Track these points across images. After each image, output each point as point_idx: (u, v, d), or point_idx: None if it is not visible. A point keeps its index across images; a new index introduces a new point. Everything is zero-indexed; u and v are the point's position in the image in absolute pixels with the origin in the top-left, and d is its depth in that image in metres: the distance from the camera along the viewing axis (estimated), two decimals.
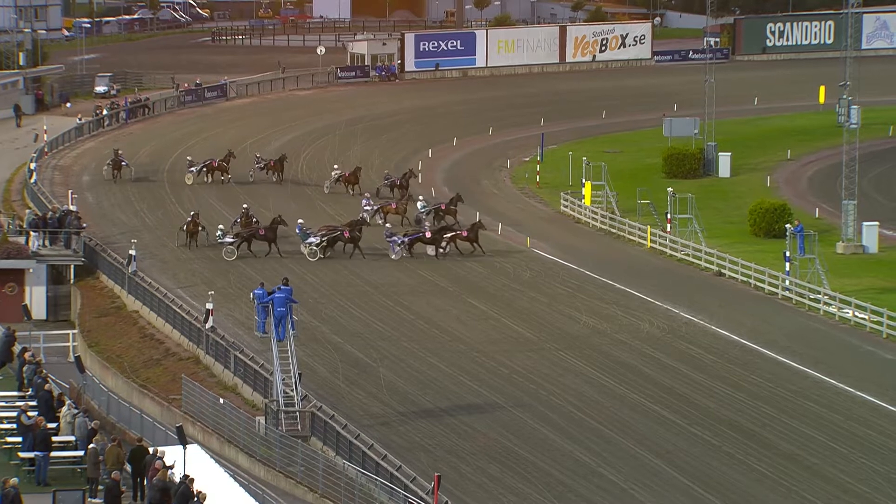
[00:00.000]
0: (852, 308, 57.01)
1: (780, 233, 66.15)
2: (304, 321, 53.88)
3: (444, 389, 48.63)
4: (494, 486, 40.72)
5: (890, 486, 40.51)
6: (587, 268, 64.42)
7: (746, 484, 40.83)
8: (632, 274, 63.45)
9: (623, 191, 76.46)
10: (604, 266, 63.71)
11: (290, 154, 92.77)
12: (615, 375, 49.91)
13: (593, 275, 62.19)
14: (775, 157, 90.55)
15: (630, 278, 62.47)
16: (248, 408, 47.08)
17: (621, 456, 42.82)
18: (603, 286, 61.45)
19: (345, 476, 39.58)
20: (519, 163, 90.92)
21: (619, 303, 58.94)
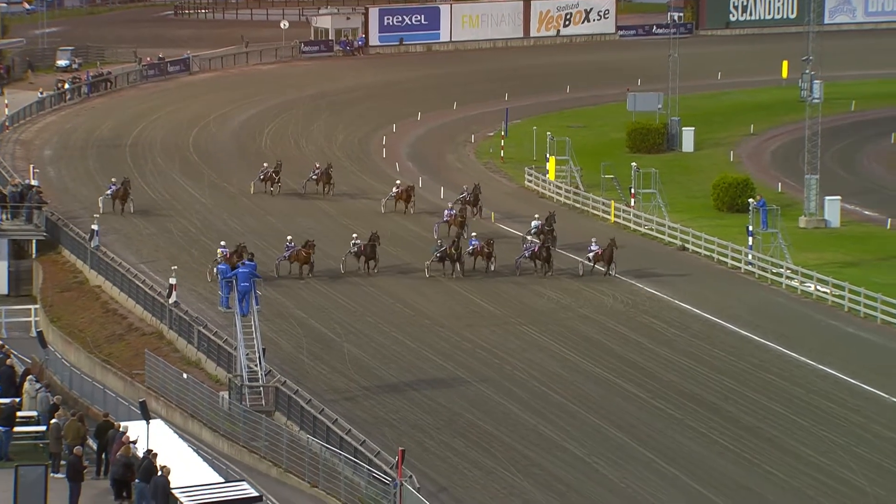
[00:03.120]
0: (814, 282, 57.35)
1: (743, 207, 66.42)
2: (268, 296, 53.82)
3: (409, 364, 48.71)
4: (458, 461, 40.85)
5: (850, 458, 40.84)
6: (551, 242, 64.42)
7: (709, 457, 41.08)
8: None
9: (587, 165, 76.59)
10: (567, 241, 63.79)
11: (252, 129, 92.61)
12: (579, 350, 50.08)
13: (557, 249, 62.23)
14: (738, 132, 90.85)
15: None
16: (211, 383, 47.04)
17: (585, 430, 43.00)
18: (566, 261, 61.58)
19: (309, 451, 39.62)
20: (483, 138, 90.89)
21: (583, 278, 59.10)
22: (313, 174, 73.13)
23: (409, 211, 68.86)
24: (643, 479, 39.53)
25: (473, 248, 59.41)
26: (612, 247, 58.41)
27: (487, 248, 58.81)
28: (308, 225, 68.37)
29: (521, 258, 59.02)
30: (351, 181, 75.51)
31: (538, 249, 58.76)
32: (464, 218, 64.28)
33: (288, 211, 71.19)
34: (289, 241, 58.67)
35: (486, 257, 58.76)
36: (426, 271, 58.26)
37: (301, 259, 57.89)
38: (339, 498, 37.99)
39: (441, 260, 58.64)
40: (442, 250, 58.66)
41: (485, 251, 58.81)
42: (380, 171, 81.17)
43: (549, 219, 62.03)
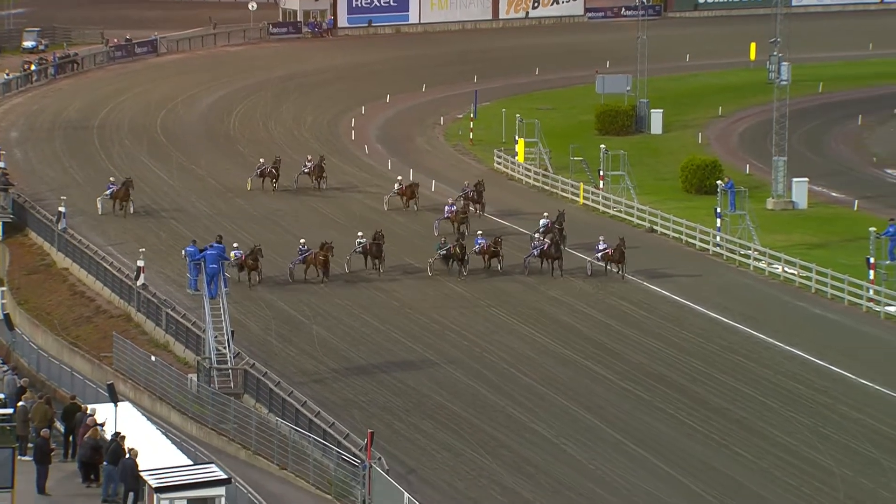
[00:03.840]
0: (782, 264, 57.55)
1: (711, 189, 66.57)
2: (236, 279, 53.70)
3: (378, 346, 48.67)
4: (427, 442, 40.85)
5: (817, 438, 41.02)
6: (520, 224, 64.54)
7: (677, 438, 41.19)
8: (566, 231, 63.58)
9: (556, 148, 76.60)
10: (536, 223, 63.82)
11: (221, 111, 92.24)
12: (547, 332, 50.12)
13: (526, 231, 62.29)
14: (707, 114, 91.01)
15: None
16: (180, 365, 46.89)
17: (553, 411, 43.06)
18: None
19: (278, 433, 39.54)
20: (452, 120, 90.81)
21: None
22: (305, 167, 70.25)
23: (413, 208, 65.69)
24: (611, 460, 39.62)
25: (480, 247, 56.82)
26: (622, 246, 55.59)
27: (495, 246, 56.28)
28: (281, 209, 68.20)
29: (529, 257, 56.44)
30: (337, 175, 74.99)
31: (547, 248, 56.05)
32: (466, 214, 61.67)
33: (255, 192, 70.97)
34: (302, 245, 55.58)
35: (493, 256, 56.21)
36: (428, 270, 55.62)
37: (318, 263, 54.91)
38: (309, 480, 37.95)
39: (446, 259, 55.94)
40: (447, 248, 56.02)
41: (491, 250, 56.32)
42: (350, 154, 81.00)
43: (559, 217, 59.58)
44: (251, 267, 54.42)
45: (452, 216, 61.52)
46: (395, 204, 66.19)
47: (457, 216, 61.34)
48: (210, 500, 31.90)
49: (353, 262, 56.33)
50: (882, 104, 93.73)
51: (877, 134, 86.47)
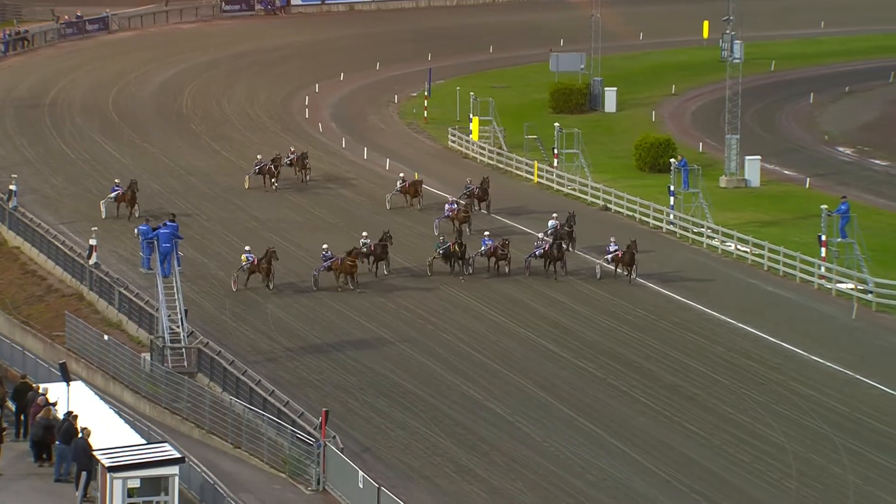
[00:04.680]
0: (734, 241, 57.83)
1: (665, 167, 66.79)
2: (190, 257, 53.45)
3: (332, 325, 48.60)
4: (382, 420, 40.86)
5: (770, 415, 41.29)
6: (527, 225, 64.36)
7: (630, 415, 41.36)
8: (519, 209, 63.73)
9: (510, 126, 76.63)
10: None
11: (173, 89, 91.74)
12: (501, 310, 50.18)
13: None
14: (660, 93, 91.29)
15: (517, 214, 62.77)
16: (133, 344, 46.68)
17: (507, 389, 43.14)
18: (490, 221, 61.61)
19: (232, 412, 39.44)
20: (406, 98, 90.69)
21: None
22: (287, 159, 67.25)
23: (417, 206, 62.46)
24: (565, 437, 39.75)
25: (486, 249, 53.79)
26: (633, 249, 52.72)
27: (503, 248, 53.31)
28: (234, 187, 67.92)
29: (530, 257, 53.63)
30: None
31: (549, 248, 53.32)
32: (468, 213, 58.76)
33: (208, 170, 70.71)
34: (325, 251, 52.41)
35: (500, 259, 53.33)
36: (428, 270, 53.19)
37: (346, 269, 51.55)
38: (263, 459, 37.89)
39: (446, 258, 53.45)
40: (445, 247, 53.44)
41: (499, 252, 53.36)
42: (304, 133, 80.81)
43: (570, 219, 56.35)
44: (265, 271, 51.28)
45: (454, 214, 58.48)
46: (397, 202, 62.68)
47: (458, 214, 58.39)
48: (163, 479, 31.79)
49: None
50: (834, 82, 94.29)
51: (828, 112, 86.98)
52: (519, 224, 60.57)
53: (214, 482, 34.33)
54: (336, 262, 51.82)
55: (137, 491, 31.66)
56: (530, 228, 58.58)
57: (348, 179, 68.29)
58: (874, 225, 59.64)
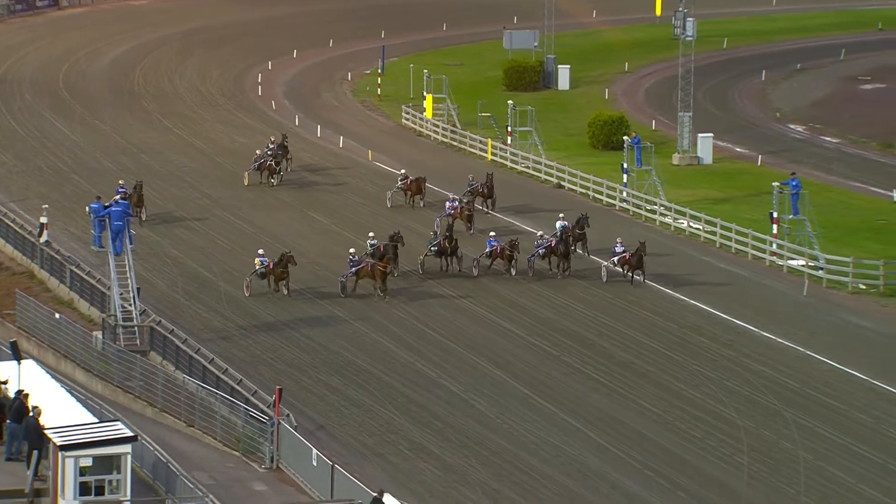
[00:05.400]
0: (687, 218, 58.08)
1: (618, 145, 66.98)
2: (142, 235, 53.18)
3: (285, 302, 48.47)
4: (336, 398, 40.83)
5: (721, 391, 41.53)
6: (429, 181, 64.49)
7: (584, 392, 41.50)
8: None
9: (464, 104, 76.60)
10: (445, 179, 63.85)
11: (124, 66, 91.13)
12: (455, 287, 50.19)
13: (435, 187, 62.28)
14: (613, 70, 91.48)
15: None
16: (85, 323, 46.41)
17: (461, 367, 43.18)
18: (444, 199, 61.56)
19: (185, 390, 39.31)
20: (360, 75, 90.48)
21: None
22: (268, 148, 64.71)
23: (419, 204, 59.60)
24: (519, 414, 39.85)
25: (492, 250, 51.17)
26: (642, 251, 50.15)
27: (510, 250, 50.62)
28: (187, 165, 67.62)
29: (533, 257, 51.12)
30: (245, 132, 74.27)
31: (555, 245, 50.88)
32: (471, 211, 56.05)
33: (160, 148, 70.35)
34: (352, 255, 49.50)
35: (506, 260, 50.78)
36: (420, 268, 50.83)
37: (377, 274, 48.38)
38: (216, 437, 37.79)
39: (439, 255, 51.14)
40: (436, 243, 51.20)
41: (506, 254, 50.69)
42: (257, 110, 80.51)
43: (581, 221, 53.21)
44: (279, 276, 48.36)
45: (456, 213, 55.88)
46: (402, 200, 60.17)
47: (461, 213, 55.84)
48: (116, 457, 31.65)
49: None
50: (785, 60, 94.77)
51: (780, 89, 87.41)
52: (523, 224, 57.06)
53: (167, 461, 34.23)
54: (365, 267, 48.44)
55: (90, 469, 31.52)
56: (534, 228, 54.89)
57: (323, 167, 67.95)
58: (825, 202, 60.04)
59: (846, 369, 43.25)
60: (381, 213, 59.21)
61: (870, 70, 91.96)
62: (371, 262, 48.41)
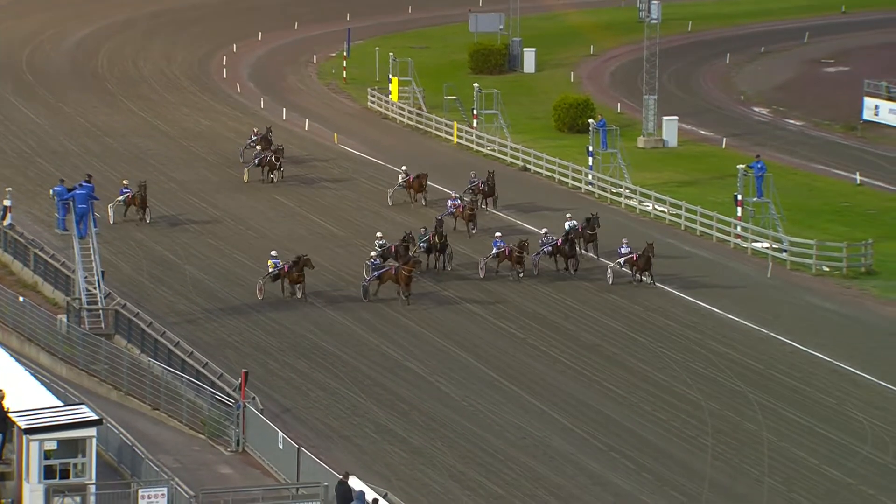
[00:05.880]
0: (652, 201, 58.22)
1: (584, 128, 67.06)
2: (106, 219, 52.93)
3: (252, 286, 48.33)
4: (302, 382, 40.80)
5: (686, 373, 41.69)
6: (395, 163, 64.45)
7: (550, 374, 41.60)
8: (439, 169, 63.65)
9: (430, 86, 76.52)
10: (411, 162, 63.76)
11: (89, 48, 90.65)
12: (424, 273, 50.08)
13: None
14: (578, 53, 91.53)
15: (437, 174, 62.65)
16: (49, 306, 46.18)
17: (428, 350, 43.20)
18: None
19: (150, 374, 39.20)
20: (325, 58, 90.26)
21: (426, 198, 59.11)
22: (251, 139, 63.28)
23: (422, 202, 57.25)
24: (485, 397, 39.91)
25: (499, 252, 49.16)
26: (650, 252, 48.27)
27: (518, 251, 48.57)
28: (151, 148, 67.34)
29: (538, 256, 49.64)
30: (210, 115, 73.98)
31: (561, 244, 49.22)
32: (473, 210, 53.88)
33: (124, 131, 70.03)
34: (374, 259, 47.52)
35: (515, 262, 48.71)
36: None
37: (401, 279, 46.25)
38: (182, 420, 37.72)
39: (427, 252, 49.53)
40: (426, 239, 49.54)
41: (514, 255, 48.64)
42: (222, 93, 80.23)
43: (592, 221, 51.16)
44: (294, 280, 46.41)
45: (458, 211, 53.97)
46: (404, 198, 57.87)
47: (463, 212, 53.77)
48: (81, 441, 31.57)
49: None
50: (749, 43, 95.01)
51: (744, 72, 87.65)
52: (525, 222, 55.26)
53: (133, 444, 34.15)
54: (389, 271, 46.50)
55: (54, 453, 31.43)
56: (535, 227, 53.36)
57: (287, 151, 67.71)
58: (789, 185, 60.28)
59: (809, 351, 43.50)
60: (347, 198, 59.07)
61: (833, 53, 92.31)
62: (395, 266, 46.29)
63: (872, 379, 41.36)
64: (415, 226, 51.69)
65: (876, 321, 46.68)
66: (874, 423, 38.34)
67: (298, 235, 54.06)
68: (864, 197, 61.54)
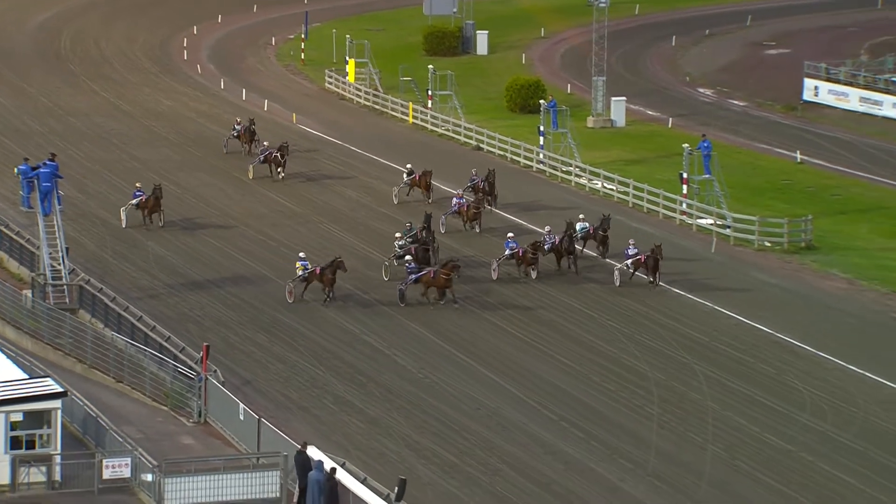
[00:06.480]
0: (601, 179, 58.35)
1: (535, 108, 67.08)
2: (71, 196, 52.60)
3: (212, 262, 48.21)
4: (262, 355, 40.72)
5: (634, 345, 41.88)
6: (353, 143, 64.39)
7: (503, 348, 41.66)
8: (395, 149, 63.63)
9: (385, 68, 76.35)
10: (368, 141, 63.74)
11: (51, 30, 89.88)
12: (378, 246, 50.10)
13: (358, 150, 62.14)
14: (530, 35, 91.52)
15: (394, 153, 62.63)
16: (14, 282, 45.88)
17: (385, 324, 43.17)
18: (368, 161, 61.48)
19: (114, 347, 39.03)
20: (284, 40, 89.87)
21: (384, 177, 59.08)
22: (234, 130, 61.57)
23: (427, 201, 54.19)
24: (440, 369, 39.96)
25: (513, 253, 47.10)
26: (658, 254, 46.25)
27: (532, 252, 46.58)
28: (114, 127, 66.80)
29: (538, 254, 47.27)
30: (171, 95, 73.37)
31: (560, 241, 47.30)
32: (479, 209, 51.39)
33: (88, 111, 69.53)
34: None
35: (530, 265, 46.70)
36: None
37: (439, 283, 44.28)
38: (145, 392, 37.59)
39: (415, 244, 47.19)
40: (413, 234, 47.75)
41: (528, 256, 46.62)
42: (183, 75, 79.76)
43: (604, 222, 48.95)
44: (328, 282, 44.35)
45: (463, 211, 51.63)
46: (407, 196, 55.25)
47: (468, 211, 51.44)
48: (46, 412, 31.44)
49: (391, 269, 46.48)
50: (694, 26, 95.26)
51: (689, 54, 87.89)
52: (526, 221, 52.92)
53: (97, 415, 34.02)
54: (428, 275, 44.32)
55: (20, 424, 31.30)
56: (536, 225, 51.26)
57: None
58: (732, 163, 60.54)
59: (752, 323, 43.78)
60: (303, 175, 58.82)
61: (774, 35, 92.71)
62: (434, 270, 44.19)
63: (811, 350, 41.69)
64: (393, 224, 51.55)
65: (815, 294, 47.02)
66: (813, 392, 38.67)
67: (259, 212, 53.89)
68: (804, 175, 61.93)
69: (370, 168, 60.26)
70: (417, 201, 53.63)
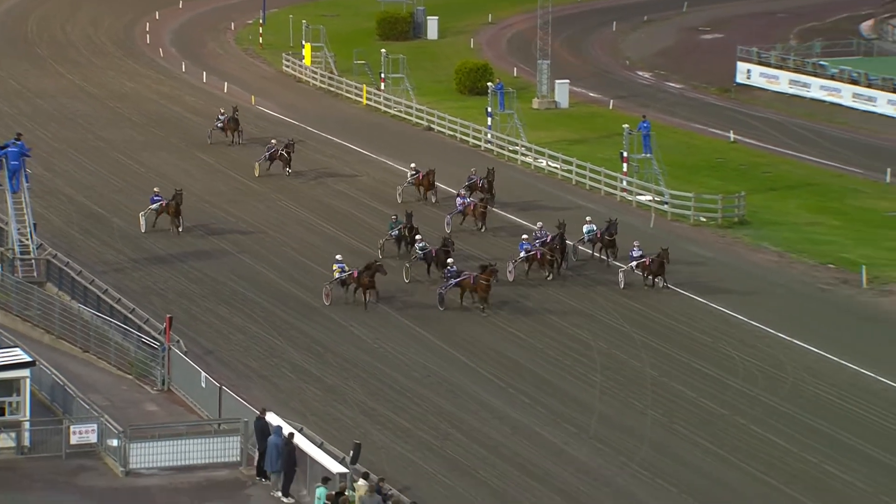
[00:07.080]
0: (546, 158, 58.39)
1: (483, 90, 67.00)
2: (38, 174, 52.06)
3: (175, 237, 47.85)
4: (223, 326, 40.53)
5: (581, 319, 41.94)
6: (309, 124, 64.09)
7: (462, 323, 41.56)
8: (350, 129, 63.43)
9: (340, 52, 76.04)
10: (324, 122, 63.46)
11: (17, 15, 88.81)
12: (336, 222, 49.98)
13: (315, 130, 61.83)
14: (478, 21, 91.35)
15: (348, 133, 62.45)
16: None
17: (342, 296, 42.90)
18: (324, 141, 61.22)
19: (80, 319, 38.73)
20: (242, 25, 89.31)
21: (339, 156, 58.86)
22: (218, 121, 59.61)
23: (431, 199, 52.14)
24: (396, 340, 39.90)
25: (530, 255, 44.57)
26: (664, 258, 43.75)
27: (550, 254, 44.32)
28: (80, 109, 66.15)
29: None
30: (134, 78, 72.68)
31: (550, 241, 44.80)
32: (485, 208, 48.92)
33: (54, 93, 68.84)
34: (451, 265, 42.64)
35: (546, 265, 44.46)
36: (379, 252, 45.11)
37: (480, 288, 41.61)
38: (111, 362, 37.34)
39: (398, 241, 45.89)
40: (399, 227, 45.96)
41: (546, 258, 44.31)
42: (146, 58, 79.08)
43: (611, 227, 46.13)
44: (366, 285, 41.76)
45: (469, 210, 49.20)
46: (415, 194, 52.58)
47: (474, 210, 49.09)
48: (15, 381, 31.18)
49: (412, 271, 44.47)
50: (634, 12, 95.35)
51: (629, 39, 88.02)
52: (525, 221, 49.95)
53: (64, 383, 33.79)
54: (467, 279, 41.81)
55: None
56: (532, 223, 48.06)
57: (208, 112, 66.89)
58: (669, 142, 60.69)
59: (688, 294, 43.95)
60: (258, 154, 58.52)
61: (709, 21, 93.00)
62: (474, 275, 41.71)
63: (744, 319, 41.94)
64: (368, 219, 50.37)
65: (748, 267, 47.28)
66: (745, 359, 38.92)
67: (219, 190, 53.56)
68: (737, 153, 62.21)
69: (326, 147, 60.00)
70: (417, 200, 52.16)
